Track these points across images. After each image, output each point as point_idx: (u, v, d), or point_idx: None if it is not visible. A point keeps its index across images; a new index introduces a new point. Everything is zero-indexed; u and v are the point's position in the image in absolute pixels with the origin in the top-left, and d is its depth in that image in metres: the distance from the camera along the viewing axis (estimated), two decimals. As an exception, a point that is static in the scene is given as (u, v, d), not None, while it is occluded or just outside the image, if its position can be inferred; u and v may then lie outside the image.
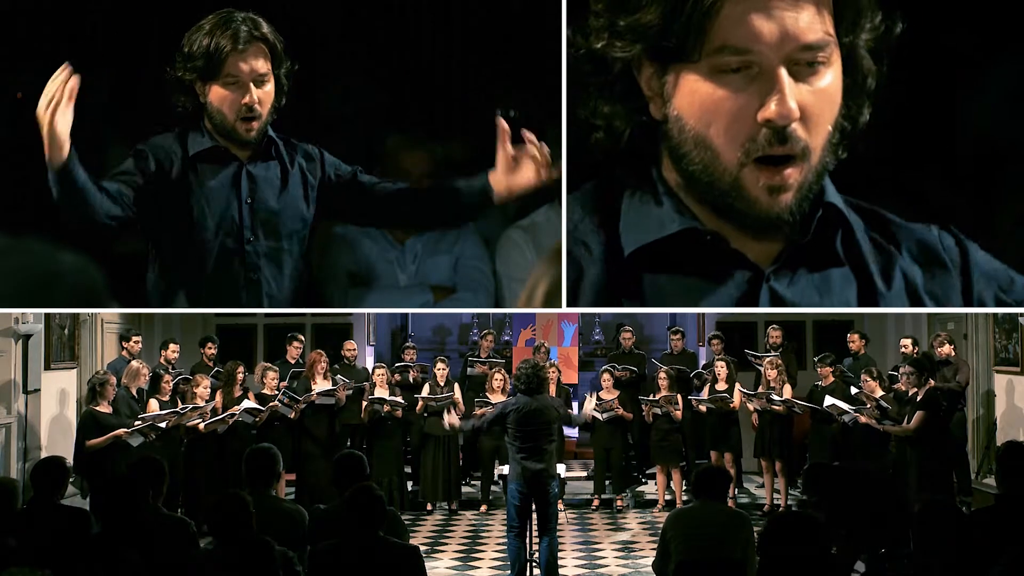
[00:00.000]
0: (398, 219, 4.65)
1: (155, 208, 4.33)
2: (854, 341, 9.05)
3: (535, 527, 6.11)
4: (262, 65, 4.27)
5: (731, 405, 8.81)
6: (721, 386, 8.94)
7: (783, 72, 3.34)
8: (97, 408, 7.12)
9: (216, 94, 4.29)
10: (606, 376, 9.16)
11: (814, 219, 3.59)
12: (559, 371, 9.90)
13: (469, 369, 9.98)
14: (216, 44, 4.19)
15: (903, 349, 8.71)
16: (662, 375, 8.99)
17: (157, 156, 4.34)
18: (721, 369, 8.99)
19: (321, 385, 8.58)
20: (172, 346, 8.83)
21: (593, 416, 9.05)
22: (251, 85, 4.26)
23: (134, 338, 8.51)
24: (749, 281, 3.65)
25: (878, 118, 3.59)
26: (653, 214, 3.61)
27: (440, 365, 9.05)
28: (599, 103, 3.58)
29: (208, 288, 4.42)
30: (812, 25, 3.34)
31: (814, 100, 3.42)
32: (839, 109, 3.49)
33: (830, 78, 3.43)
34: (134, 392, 7.63)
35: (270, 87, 4.33)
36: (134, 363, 7.85)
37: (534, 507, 6.07)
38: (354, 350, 9.56)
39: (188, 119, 4.36)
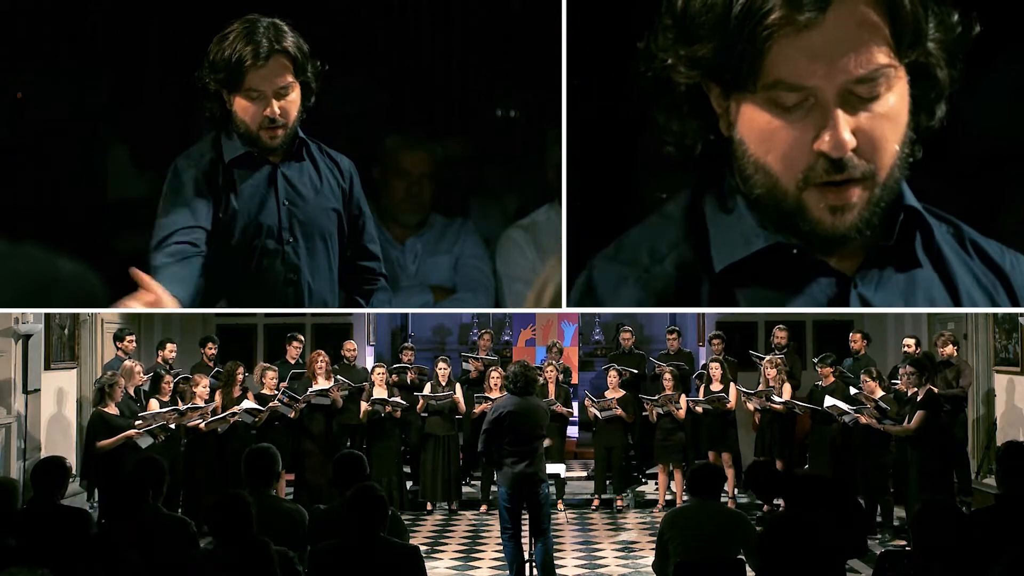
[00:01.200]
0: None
1: (219, 220, 4.34)
2: (856, 341, 9.05)
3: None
4: (283, 78, 4.24)
5: (727, 405, 8.81)
6: (716, 387, 8.95)
7: (835, 105, 3.37)
8: (105, 409, 7.14)
9: (239, 105, 4.26)
10: (612, 374, 9.17)
11: (896, 223, 3.61)
12: (567, 373, 9.92)
13: (464, 364, 9.99)
14: (237, 58, 4.16)
15: (905, 349, 8.70)
16: (667, 375, 8.99)
17: (193, 167, 4.33)
18: (715, 370, 8.99)
19: (322, 385, 8.59)
20: (169, 345, 8.81)
21: (594, 415, 9.08)
22: (272, 98, 4.24)
23: (128, 337, 8.47)
24: (836, 288, 3.68)
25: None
26: (736, 229, 3.63)
27: (442, 365, 9.06)
28: (669, 120, 3.61)
29: (250, 289, 4.43)
30: (865, 58, 3.34)
31: (874, 125, 3.43)
32: (908, 123, 3.50)
33: (892, 100, 3.43)
34: (131, 392, 7.64)
35: (295, 95, 4.30)
36: (128, 363, 7.85)
37: (525, 509, 6.05)
38: (354, 350, 9.56)
39: (219, 123, 4.34)
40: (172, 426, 7.35)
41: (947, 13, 3.44)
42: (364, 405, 8.77)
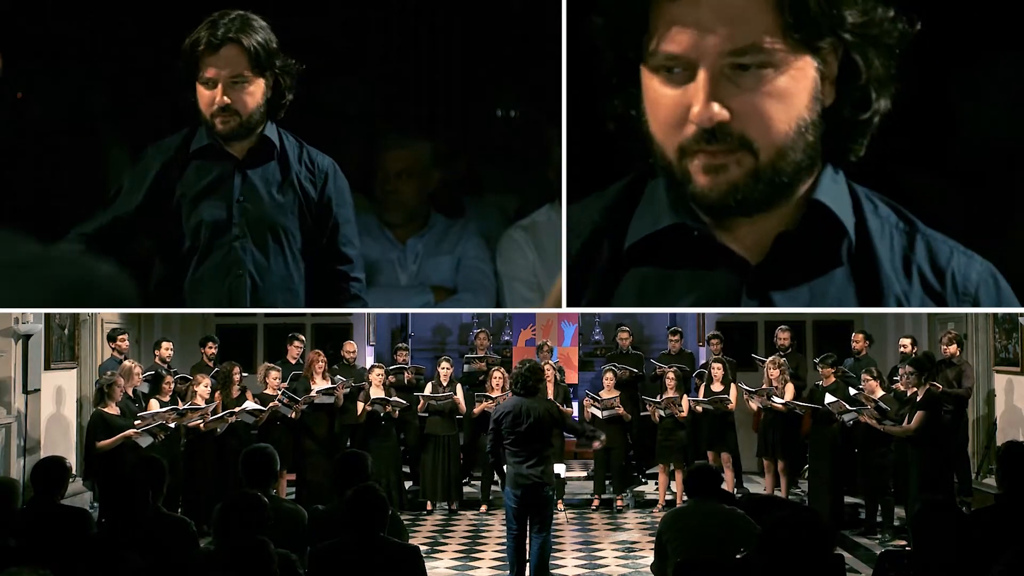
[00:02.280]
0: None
1: (152, 207, 4.34)
2: (858, 341, 9.04)
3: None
4: (236, 68, 4.27)
5: (728, 406, 8.81)
6: (716, 387, 8.94)
7: (703, 76, 3.48)
8: (105, 409, 7.14)
9: (199, 92, 4.33)
10: (608, 375, 9.17)
11: (799, 214, 3.67)
12: (562, 371, 9.91)
13: (466, 366, 9.98)
14: (192, 42, 4.24)
15: (902, 349, 8.70)
16: (670, 376, 8.98)
17: (158, 156, 4.36)
18: (717, 370, 8.99)
19: (320, 385, 8.58)
20: (165, 344, 8.75)
21: (592, 415, 9.07)
22: (221, 86, 4.27)
23: (120, 337, 8.41)
24: (735, 276, 3.71)
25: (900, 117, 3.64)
26: (652, 208, 3.73)
27: (444, 365, 9.06)
28: (608, 97, 3.74)
29: (195, 285, 4.42)
30: (742, 33, 3.45)
31: (758, 102, 3.51)
32: (812, 109, 3.54)
33: (783, 81, 3.49)
34: (130, 392, 7.62)
35: (253, 88, 4.31)
36: (127, 363, 7.84)
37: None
38: (354, 351, 9.55)
39: (193, 114, 4.38)
40: (171, 425, 7.34)
41: (874, 6, 3.46)
42: (361, 405, 8.76)
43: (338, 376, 8.82)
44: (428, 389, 9.01)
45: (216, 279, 4.39)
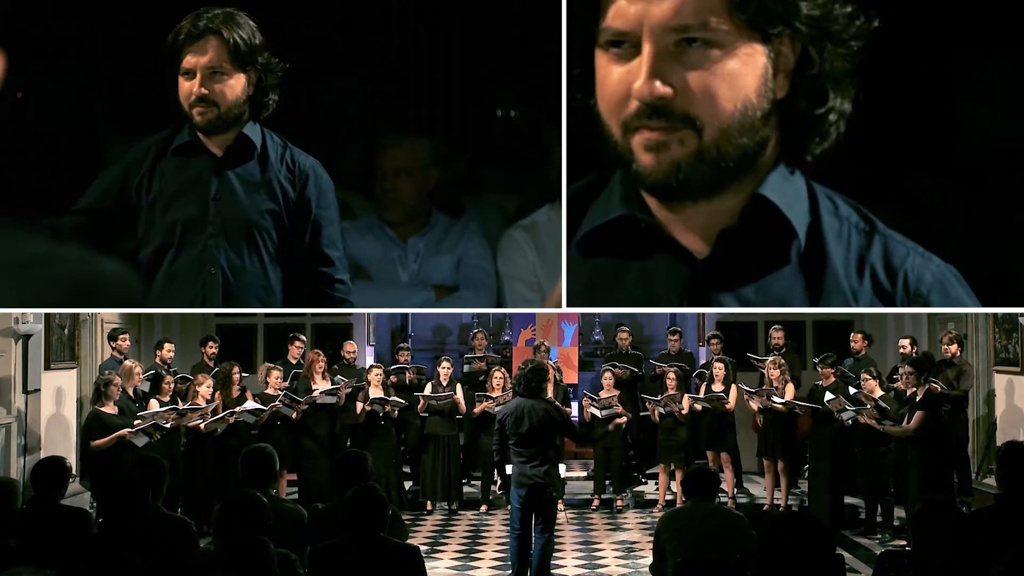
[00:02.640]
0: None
1: (126, 203, 4.35)
2: (856, 341, 9.04)
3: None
4: (216, 60, 4.27)
5: (726, 406, 8.81)
6: (718, 387, 8.94)
7: (647, 50, 3.48)
8: (102, 409, 7.12)
9: (180, 84, 4.33)
10: (607, 375, 9.16)
11: (741, 208, 3.66)
12: (559, 371, 9.91)
13: (466, 367, 9.98)
14: (175, 33, 4.25)
15: (901, 349, 8.70)
16: (671, 375, 8.98)
17: (142, 151, 4.37)
18: (719, 370, 8.99)
19: (321, 385, 8.58)
20: (167, 345, 8.77)
21: (592, 415, 9.07)
22: (199, 76, 4.27)
23: (121, 336, 8.41)
24: (684, 270, 3.71)
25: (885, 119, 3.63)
26: (607, 199, 3.80)
27: (444, 364, 9.07)
28: (571, 91, 3.81)
29: (169, 283, 4.41)
30: (688, 9, 3.45)
31: (704, 81, 3.49)
32: (763, 92, 3.52)
33: (733, 64, 3.48)
34: (130, 392, 7.62)
35: (233, 82, 4.31)
36: (127, 363, 7.83)
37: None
38: (354, 352, 9.55)
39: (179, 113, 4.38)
40: (167, 425, 7.32)
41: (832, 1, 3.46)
42: (360, 405, 8.76)
43: (338, 376, 8.82)
44: (428, 389, 9.01)
45: (189, 277, 4.39)
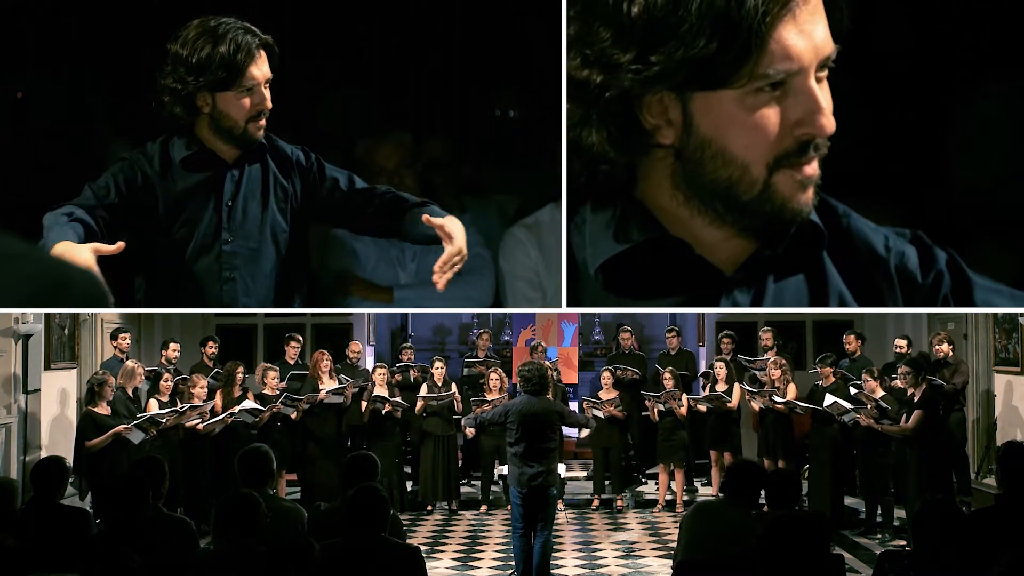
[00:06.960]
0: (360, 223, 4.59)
1: (138, 213, 4.31)
2: (850, 342, 9.06)
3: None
4: (269, 69, 4.24)
5: (728, 405, 8.81)
6: (721, 387, 8.94)
7: (816, 88, 3.31)
8: (95, 409, 7.11)
9: (227, 101, 4.19)
10: (606, 375, 9.17)
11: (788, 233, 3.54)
12: (557, 372, 9.91)
13: (466, 370, 9.98)
14: (232, 54, 4.11)
15: (897, 349, 8.73)
16: (666, 375, 8.98)
17: (139, 166, 4.30)
18: (720, 370, 8.99)
19: (328, 384, 8.58)
20: (172, 345, 8.80)
21: (594, 416, 9.07)
22: (264, 88, 4.23)
23: (121, 336, 8.41)
24: (711, 286, 3.65)
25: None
26: (615, 231, 3.59)
27: (438, 364, 9.06)
28: (601, 135, 3.43)
29: (186, 287, 4.40)
30: (828, 38, 3.32)
31: (830, 106, 3.40)
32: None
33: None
34: (130, 392, 7.62)
35: (268, 90, 4.31)
36: (129, 363, 7.82)
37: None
38: (358, 352, 9.54)
39: (177, 127, 4.28)
40: (162, 420, 7.31)
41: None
42: (364, 404, 8.77)
43: (343, 376, 8.83)
44: (424, 389, 9.01)
45: (207, 282, 4.37)
